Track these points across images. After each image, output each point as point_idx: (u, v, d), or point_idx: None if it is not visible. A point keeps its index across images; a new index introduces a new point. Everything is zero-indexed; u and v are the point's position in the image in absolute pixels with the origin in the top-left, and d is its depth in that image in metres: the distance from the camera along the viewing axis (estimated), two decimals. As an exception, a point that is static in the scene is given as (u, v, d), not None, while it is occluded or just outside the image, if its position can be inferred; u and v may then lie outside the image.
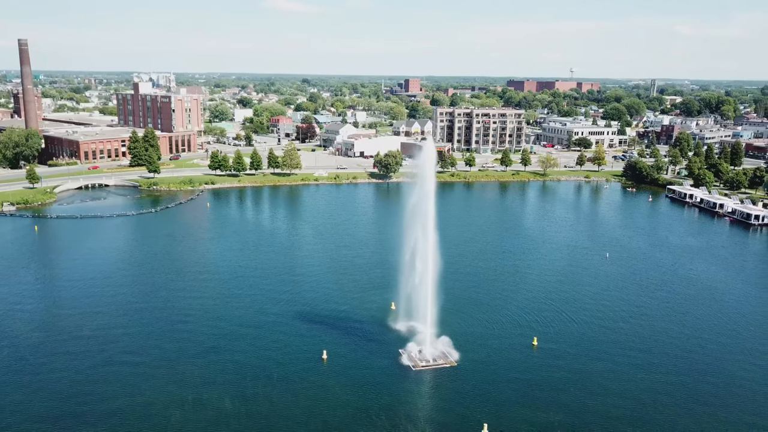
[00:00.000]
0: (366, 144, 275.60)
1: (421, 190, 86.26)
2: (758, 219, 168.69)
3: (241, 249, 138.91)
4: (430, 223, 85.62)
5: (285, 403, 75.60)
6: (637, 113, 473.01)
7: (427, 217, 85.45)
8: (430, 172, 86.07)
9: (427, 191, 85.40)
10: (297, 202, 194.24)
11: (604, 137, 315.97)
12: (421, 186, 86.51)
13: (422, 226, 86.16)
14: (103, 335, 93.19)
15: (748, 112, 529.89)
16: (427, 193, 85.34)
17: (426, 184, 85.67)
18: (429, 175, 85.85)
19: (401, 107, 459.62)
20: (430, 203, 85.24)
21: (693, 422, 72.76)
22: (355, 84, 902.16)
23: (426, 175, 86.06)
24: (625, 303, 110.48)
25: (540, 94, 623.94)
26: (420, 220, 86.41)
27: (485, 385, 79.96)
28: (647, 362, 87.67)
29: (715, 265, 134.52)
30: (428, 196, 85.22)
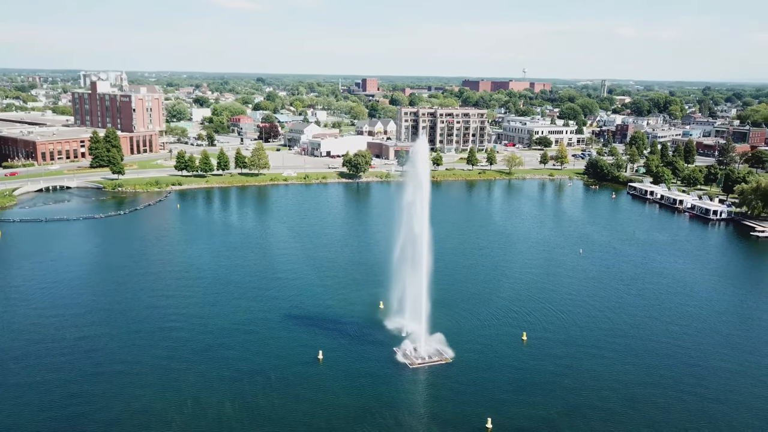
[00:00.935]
0: (332, 144, 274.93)
1: (415, 187, 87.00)
2: (716, 214, 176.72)
3: (218, 250, 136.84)
4: (425, 220, 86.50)
5: (286, 404, 75.25)
6: (591, 113, 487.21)
7: (421, 214, 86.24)
8: (423, 170, 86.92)
9: (421, 188, 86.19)
10: (268, 203, 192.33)
11: (563, 136, 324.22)
12: (415, 183, 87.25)
13: (417, 223, 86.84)
14: (88, 341, 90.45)
15: (693, 112, 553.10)
16: (422, 190, 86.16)
17: (420, 182, 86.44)
18: (423, 173, 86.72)
19: (362, 107, 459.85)
20: (424, 201, 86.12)
21: (681, 404, 76.02)
22: (312, 83, 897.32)
23: (420, 173, 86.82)
24: (605, 296, 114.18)
25: (496, 93, 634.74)
26: (414, 217, 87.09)
27: (482, 381, 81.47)
28: (632, 350, 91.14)
29: (682, 258, 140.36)
30: (423, 193, 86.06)
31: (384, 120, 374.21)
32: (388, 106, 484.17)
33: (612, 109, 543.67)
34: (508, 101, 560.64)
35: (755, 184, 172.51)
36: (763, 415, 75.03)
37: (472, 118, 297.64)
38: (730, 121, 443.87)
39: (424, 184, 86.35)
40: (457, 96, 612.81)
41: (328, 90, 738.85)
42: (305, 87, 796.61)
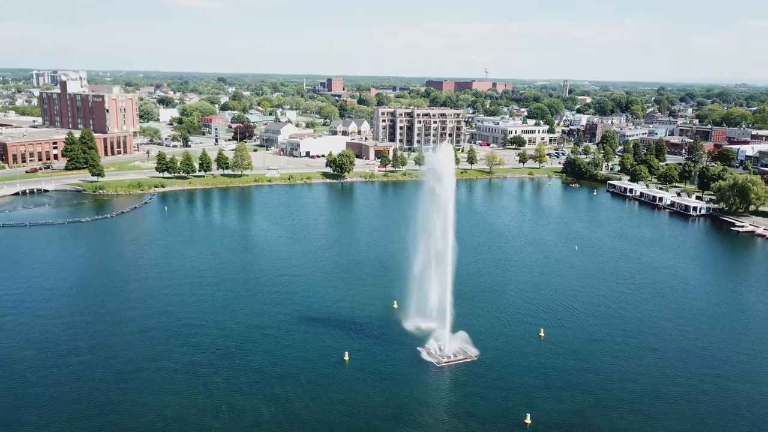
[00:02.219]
0: (312, 144, 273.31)
1: (440, 188, 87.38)
2: (696, 210, 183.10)
3: (217, 253, 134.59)
4: (450, 220, 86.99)
5: (321, 407, 74.63)
6: (557, 112, 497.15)
7: (447, 214, 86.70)
8: (449, 171, 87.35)
9: (446, 189, 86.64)
10: (257, 204, 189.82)
11: (536, 136, 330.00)
12: (439, 184, 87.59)
13: (441, 223, 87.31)
14: (104, 350, 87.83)
15: (652, 112, 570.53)
16: (447, 191, 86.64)
17: (445, 182, 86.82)
18: (448, 173, 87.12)
19: (333, 107, 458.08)
20: (449, 201, 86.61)
21: (703, 396, 78.58)
22: (275, 83, 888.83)
23: (444, 173, 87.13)
24: (607, 291, 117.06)
25: (462, 93, 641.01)
26: (438, 217, 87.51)
27: (510, 377, 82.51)
28: (645, 344, 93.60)
29: (671, 253, 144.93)
30: (448, 194, 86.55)
31: (358, 120, 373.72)
32: (357, 106, 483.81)
33: (576, 109, 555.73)
34: (475, 101, 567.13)
35: (732, 181, 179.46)
36: (782, 402, 78.35)
37: (448, 118, 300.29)
38: (690, 120, 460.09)
39: (449, 184, 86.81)
40: (423, 96, 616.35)
41: (293, 90, 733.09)
42: (269, 87, 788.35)
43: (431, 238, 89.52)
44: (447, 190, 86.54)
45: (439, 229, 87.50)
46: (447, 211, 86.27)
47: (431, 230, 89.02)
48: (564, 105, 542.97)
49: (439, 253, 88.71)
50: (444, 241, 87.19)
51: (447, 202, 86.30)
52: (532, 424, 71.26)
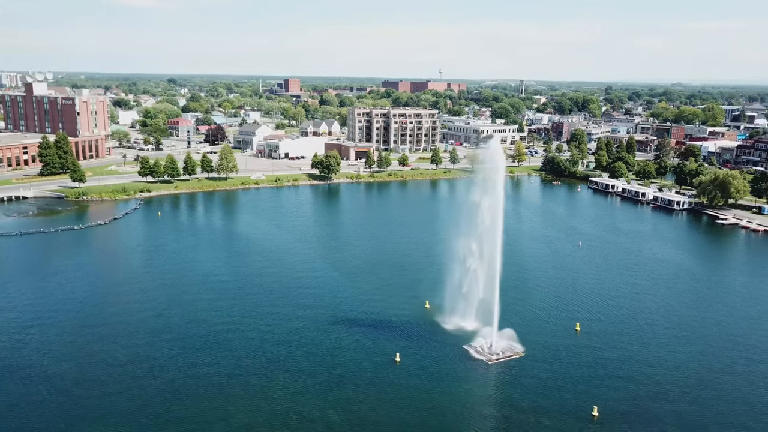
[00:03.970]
0: (291, 145, 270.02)
1: (491, 186, 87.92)
2: (679, 205, 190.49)
3: (229, 257, 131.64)
4: (499, 218, 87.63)
5: (386, 408, 74.05)
6: (518, 112, 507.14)
7: (496, 213, 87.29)
8: (501, 168, 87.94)
9: (497, 187, 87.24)
10: (251, 206, 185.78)
11: (507, 135, 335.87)
12: (490, 182, 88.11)
13: (491, 222, 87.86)
14: (143, 356, 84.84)
15: (607, 110, 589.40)
16: (497, 189, 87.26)
17: (496, 181, 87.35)
18: (500, 171, 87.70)
19: (300, 108, 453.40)
20: (500, 199, 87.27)
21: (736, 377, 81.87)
22: (229, 83, 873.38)
23: (497, 171, 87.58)
24: (622, 283, 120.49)
25: (423, 94, 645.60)
26: (488, 216, 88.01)
27: (561, 371, 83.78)
28: (672, 332, 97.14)
29: (667, 245, 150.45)
30: (498, 192, 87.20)
31: (328, 121, 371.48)
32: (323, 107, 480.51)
33: (535, 108, 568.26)
34: (437, 101, 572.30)
35: (713, 176, 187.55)
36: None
37: (424, 118, 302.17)
38: (646, 118, 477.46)
39: (500, 184, 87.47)
40: (384, 96, 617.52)
41: (249, 90, 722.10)
42: (223, 87, 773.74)
43: (479, 237, 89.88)
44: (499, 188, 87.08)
45: (490, 227, 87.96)
46: (498, 209, 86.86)
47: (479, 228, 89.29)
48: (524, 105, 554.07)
49: (487, 250, 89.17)
50: (494, 239, 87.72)
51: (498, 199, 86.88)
52: (599, 416, 72.77)
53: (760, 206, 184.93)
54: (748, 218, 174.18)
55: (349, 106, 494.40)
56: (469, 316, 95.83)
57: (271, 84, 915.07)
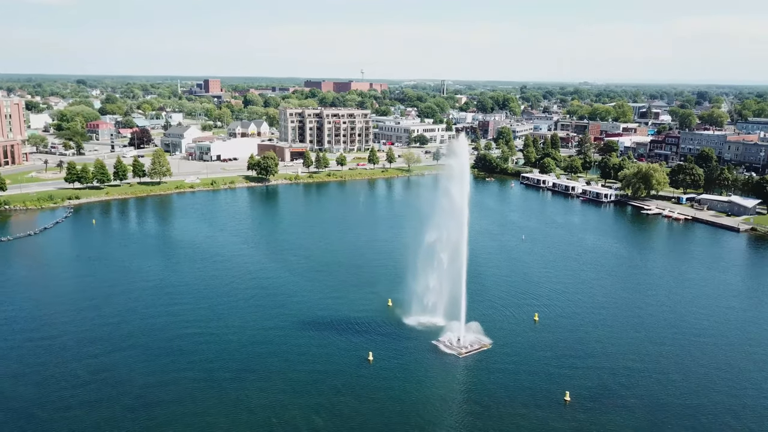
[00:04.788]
0: (223, 147, 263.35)
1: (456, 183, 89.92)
2: (607, 197, 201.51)
3: (178, 263, 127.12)
4: (465, 216, 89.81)
5: (369, 408, 74.24)
6: (443, 111, 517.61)
7: (462, 210, 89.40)
8: (465, 166, 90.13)
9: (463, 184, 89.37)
10: (189, 211, 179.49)
11: (436, 134, 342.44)
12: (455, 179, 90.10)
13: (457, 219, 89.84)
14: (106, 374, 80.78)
15: (526, 108, 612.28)
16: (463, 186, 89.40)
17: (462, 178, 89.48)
18: (464, 169, 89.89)
19: (225, 109, 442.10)
20: (465, 197, 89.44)
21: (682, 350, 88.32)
22: (144, 85, 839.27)
23: (462, 169, 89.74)
24: (568, 273, 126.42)
25: (348, 94, 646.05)
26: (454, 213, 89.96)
27: (529, 360, 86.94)
28: (622, 317, 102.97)
29: (602, 235, 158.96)
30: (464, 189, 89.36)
31: (257, 122, 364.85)
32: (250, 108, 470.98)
33: (458, 108, 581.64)
34: (363, 101, 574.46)
35: (636, 169, 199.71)
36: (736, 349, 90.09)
37: (357, 118, 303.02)
38: (563, 116, 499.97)
39: (465, 180, 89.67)
40: (309, 96, 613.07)
41: (167, 92, 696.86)
42: (139, 89, 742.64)
43: (443, 234, 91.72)
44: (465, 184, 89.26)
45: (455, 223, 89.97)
46: (463, 205, 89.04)
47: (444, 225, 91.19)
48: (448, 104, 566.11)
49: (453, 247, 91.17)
50: (459, 235, 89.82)
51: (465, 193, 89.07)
52: (572, 401, 76.29)
53: (678, 196, 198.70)
54: (670, 208, 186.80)
55: (275, 106, 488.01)
56: (435, 311, 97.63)
57: (189, 84, 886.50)
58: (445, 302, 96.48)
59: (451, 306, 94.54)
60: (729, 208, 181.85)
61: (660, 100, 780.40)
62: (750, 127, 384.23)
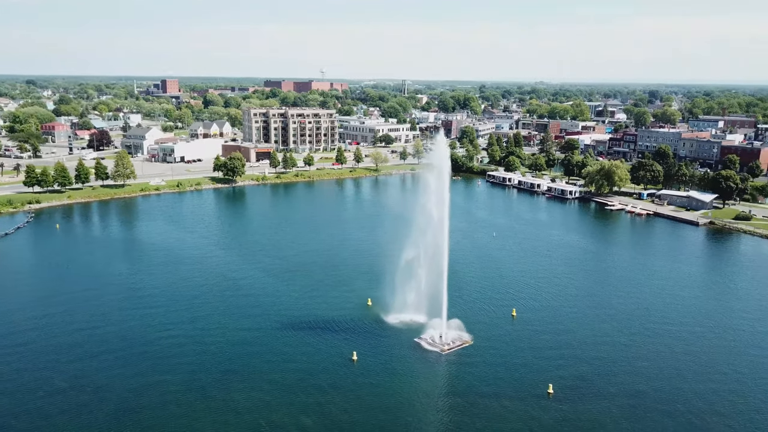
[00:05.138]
0: (186, 148, 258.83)
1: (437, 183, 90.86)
2: (571, 194, 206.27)
3: (150, 267, 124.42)
4: (446, 215, 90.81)
5: (356, 407, 74.42)
6: (405, 111, 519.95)
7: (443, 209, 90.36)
8: (445, 166, 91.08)
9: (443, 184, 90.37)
10: (156, 214, 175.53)
11: (401, 133, 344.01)
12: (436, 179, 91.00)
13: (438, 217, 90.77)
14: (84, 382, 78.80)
15: (486, 107, 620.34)
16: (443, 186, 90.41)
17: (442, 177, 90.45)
18: (444, 169, 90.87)
19: (186, 109, 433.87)
20: (445, 197, 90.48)
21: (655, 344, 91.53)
22: (98, 85, 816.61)
23: (442, 169, 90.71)
24: (540, 268, 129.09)
25: (310, 93, 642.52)
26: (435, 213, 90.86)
27: (509, 355, 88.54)
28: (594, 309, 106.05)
29: (570, 231, 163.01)
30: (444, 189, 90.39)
31: (219, 122, 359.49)
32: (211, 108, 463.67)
33: (420, 107, 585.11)
34: (325, 101, 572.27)
35: (599, 166, 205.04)
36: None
37: (322, 118, 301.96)
38: (523, 115, 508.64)
39: (446, 179, 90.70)
40: (271, 96, 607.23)
41: (123, 92, 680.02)
42: (93, 89, 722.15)
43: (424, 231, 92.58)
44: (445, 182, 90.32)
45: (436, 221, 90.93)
46: (444, 204, 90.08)
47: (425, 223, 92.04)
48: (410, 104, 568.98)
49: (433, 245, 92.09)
50: (441, 233, 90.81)
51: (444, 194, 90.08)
52: (555, 393, 78.07)
53: (640, 192, 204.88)
54: (632, 204, 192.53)
55: (236, 106, 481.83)
56: (416, 309, 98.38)
57: (146, 85, 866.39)
58: (425, 300, 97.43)
59: (432, 304, 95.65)
60: (687, 203, 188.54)
61: (614, 99, 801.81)
62: (701, 124, 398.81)
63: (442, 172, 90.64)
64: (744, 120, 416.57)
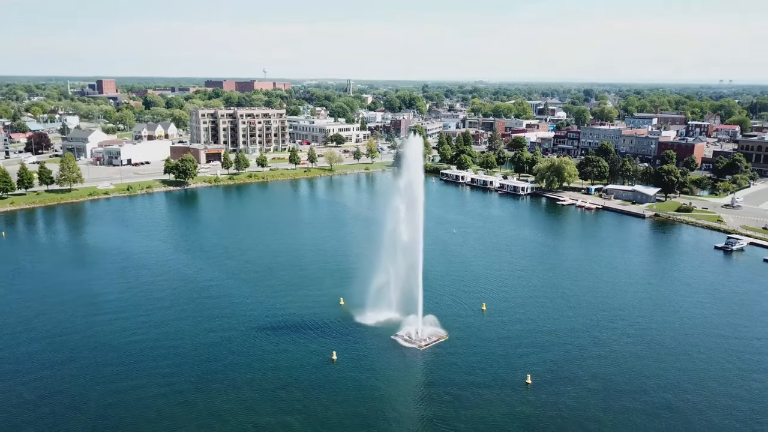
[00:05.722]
0: (133, 150, 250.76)
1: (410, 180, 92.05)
2: (523, 190, 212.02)
3: (109, 273, 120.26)
4: (420, 212, 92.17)
5: (341, 406, 74.77)
6: (353, 110, 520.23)
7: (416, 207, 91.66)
8: (417, 163, 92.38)
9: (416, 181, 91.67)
10: (108, 218, 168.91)
11: (351, 133, 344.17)
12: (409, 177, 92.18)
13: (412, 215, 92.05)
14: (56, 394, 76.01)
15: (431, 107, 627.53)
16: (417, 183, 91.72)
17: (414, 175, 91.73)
18: (417, 166, 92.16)
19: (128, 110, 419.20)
20: (419, 193, 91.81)
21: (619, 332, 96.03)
22: (28, 86, 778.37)
23: (413, 166, 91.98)
24: (503, 263, 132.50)
25: (254, 93, 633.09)
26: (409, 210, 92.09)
27: (485, 347, 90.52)
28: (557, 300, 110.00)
29: (526, 226, 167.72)
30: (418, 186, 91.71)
31: (164, 123, 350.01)
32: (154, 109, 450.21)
33: (367, 107, 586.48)
34: (270, 101, 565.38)
35: (549, 163, 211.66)
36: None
37: (272, 118, 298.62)
38: (468, 114, 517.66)
39: (419, 178, 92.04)
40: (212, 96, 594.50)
41: (56, 93, 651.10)
42: (23, 90, 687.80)
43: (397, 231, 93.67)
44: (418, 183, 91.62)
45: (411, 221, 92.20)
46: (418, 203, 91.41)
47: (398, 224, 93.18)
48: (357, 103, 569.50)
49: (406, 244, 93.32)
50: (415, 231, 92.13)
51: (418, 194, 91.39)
52: (533, 384, 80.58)
53: (588, 187, 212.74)
54: (582, 198, 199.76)
55: (178, 107, 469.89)
56: (390, 307, 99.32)
57: (80, 85, 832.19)
58: (399, 298, 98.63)
59: (406, 301, 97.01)
60: (633, 197, 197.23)
61: (552, 97, 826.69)
62: (637, 122, 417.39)
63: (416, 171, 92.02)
64: (675, 117, 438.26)
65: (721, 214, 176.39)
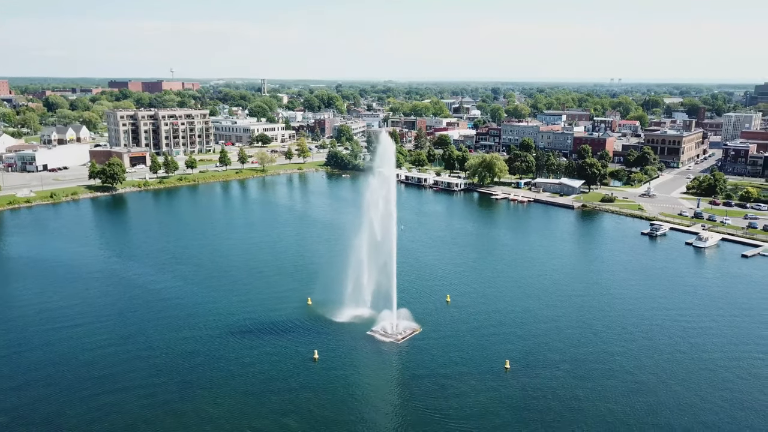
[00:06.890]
0: (49, 155, 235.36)
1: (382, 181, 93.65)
2: (457, 186, 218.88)
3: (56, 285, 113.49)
4: (393, 210, 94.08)
5: (334, 404, 75.48)
6: (271, 110, 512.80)
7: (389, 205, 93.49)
8: (389, 163, 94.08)
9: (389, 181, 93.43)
10: (35, 229, 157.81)
11: (277, 133, 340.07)
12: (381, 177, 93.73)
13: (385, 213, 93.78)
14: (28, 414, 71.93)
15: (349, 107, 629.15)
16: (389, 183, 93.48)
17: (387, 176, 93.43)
18: (389, 165, 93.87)
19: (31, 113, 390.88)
20: (392, 193, 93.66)
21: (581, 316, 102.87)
22: None
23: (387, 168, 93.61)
24: (455, 256, 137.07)
25: (165, 94, 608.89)
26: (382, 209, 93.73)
27: (459, 337, 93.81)
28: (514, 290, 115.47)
29: (466, 220, 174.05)
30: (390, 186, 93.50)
31: (75, 126, 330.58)
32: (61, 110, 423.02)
33: (285, 106, 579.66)
34: (183, 101, 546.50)
35: (481, 159, 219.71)
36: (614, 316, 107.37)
37: (196, 119, 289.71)
38: (387, 113, 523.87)
39: (392, 179, 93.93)
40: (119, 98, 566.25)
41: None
42: None
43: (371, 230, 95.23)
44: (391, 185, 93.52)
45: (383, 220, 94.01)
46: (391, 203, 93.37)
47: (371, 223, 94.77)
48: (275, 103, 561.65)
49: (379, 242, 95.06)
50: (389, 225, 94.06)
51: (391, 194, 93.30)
52: (511, 368, 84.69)
53: (517, 182, 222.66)
54: (514, 192, 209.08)
55: (84, 109, 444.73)
56: (361, 303, 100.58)
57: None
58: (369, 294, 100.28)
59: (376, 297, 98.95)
60: (560, 189, 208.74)
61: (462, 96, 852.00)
62: (548, 118, 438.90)
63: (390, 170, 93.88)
64: (581, 114, 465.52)
65: (641, 203, 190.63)
